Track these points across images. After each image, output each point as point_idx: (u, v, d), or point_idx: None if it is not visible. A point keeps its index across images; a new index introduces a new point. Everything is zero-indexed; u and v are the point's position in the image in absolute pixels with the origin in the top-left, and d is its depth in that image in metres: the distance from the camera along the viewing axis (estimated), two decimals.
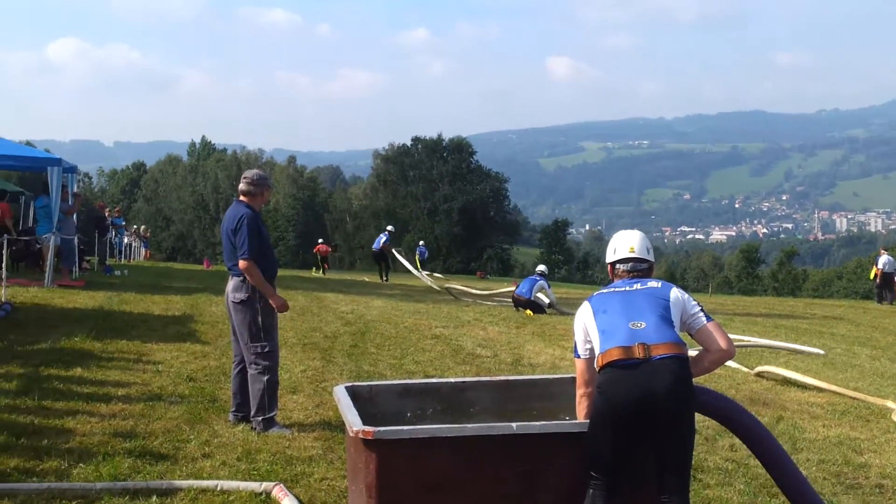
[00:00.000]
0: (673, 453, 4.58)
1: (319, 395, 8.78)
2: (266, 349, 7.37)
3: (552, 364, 11.57)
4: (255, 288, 7.34)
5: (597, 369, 4.69)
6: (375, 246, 33.20)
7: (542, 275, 20.08)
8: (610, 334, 4.67)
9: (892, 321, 22.89)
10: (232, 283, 7.46)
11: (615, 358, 4.56)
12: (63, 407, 7.61)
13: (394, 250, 33.57)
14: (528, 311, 18.48)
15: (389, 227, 35.33)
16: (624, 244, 5.14)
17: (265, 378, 7.33)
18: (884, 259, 32.21)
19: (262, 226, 7.54)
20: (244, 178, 7.61)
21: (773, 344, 14.24)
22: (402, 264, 33.09)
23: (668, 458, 4.57)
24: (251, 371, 7.39)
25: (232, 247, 7.38)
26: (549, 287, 19.84)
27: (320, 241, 46.47)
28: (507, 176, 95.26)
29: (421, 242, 54.89)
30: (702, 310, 4.90)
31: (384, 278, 32.73)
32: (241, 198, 7.54)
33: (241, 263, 7.26)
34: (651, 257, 5.15)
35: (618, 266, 5.12)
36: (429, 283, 27.94)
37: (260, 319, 7.34)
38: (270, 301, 7.35)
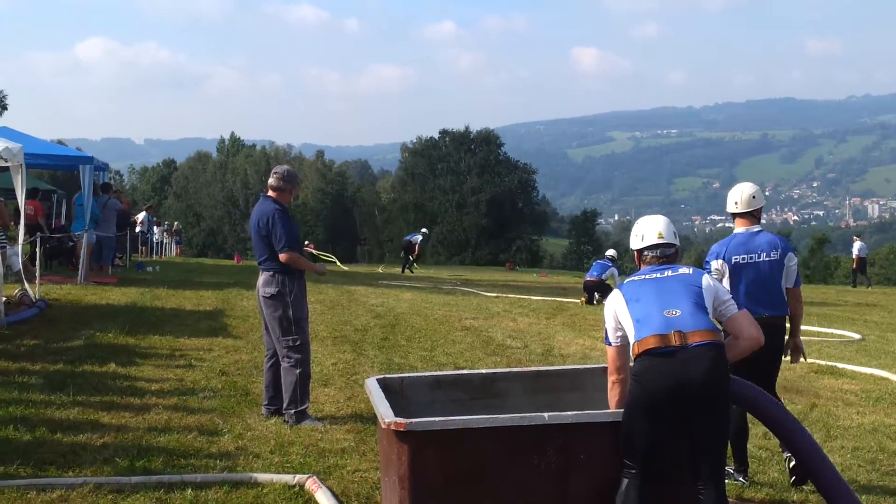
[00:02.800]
0: (709, 441, 4.56)
1: (351, 388, 8.81)
2: (297, 342, 7.41)
3: (583, 354, 11.56)
4: (286, 282, 7.39)
5: (632, 358, 4.68)
6: (407, 237, 33.45)
7: (612, 260, 19.93)
8: (645, 322, 4.65)
9: None
10: (262, 277, 7.50)
11: (651, 346, 4.54)
12: (98, 402, 7.68)
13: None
14: (597, 295, 18.25)
15: (424, 230, 35.64)
16: (651, 230, 5.09)
17: (297, 371, 7.37)
18: (857, 245, 33.47)
19: (291, 220, 7.58)
20: (275, 172, 7.64)
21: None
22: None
23: (703, 446, 4.56)
24: (284, 364, 7.43)
25: (262, 242, 7.43)
26: (619, 275, 19.61)
27: (306, 241, 50.82)
28: (536, 167, 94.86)
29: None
30: (731, 297, 4.90)
31: (405, 270, 33.40)
32: (270, 193, 7.58)
33: (283, 256, 7.32)
34: (677, 241, 5.12)
35: (646, 253, 5.08)
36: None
37: (291, 313, 7.38)
38: (316, 272, 8.08)
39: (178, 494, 5.45)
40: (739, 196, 6.42)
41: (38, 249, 14.94)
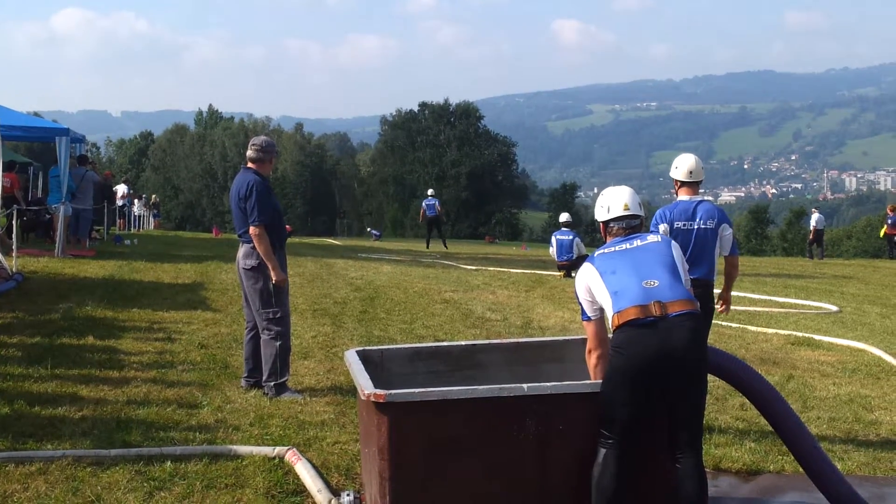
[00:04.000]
0: (688, 410, 4.61)
1: (330, 361, 8.81)
2: (277, 315, 7.40)
3: (562, 326, 11.60)
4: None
5: (611, 329, 4.70)
6: (430, 212, 30.91)
7: (568, 226, 19.33)
8: (623, 294, 4.67)
9: None
10: (242, 249, 7.48)
11: (633, 317, 4.56)
12: (76, 375, 7.66)
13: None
14: (573, 273, 17.68)
15: (431, 191, 33.41)
16: (617, 202, 5.12)
17: (277, 343, 7.36)
18: (815, 217, 34.14)
19: (271, 192, 7.55)
20: (252, 144, 7.62)
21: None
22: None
23: (682, 415, 4.61)
24: (263, 337, 7.42)
25: (242, 214, 7.39)
26: (581, 241, 19.25)
27: (287, 226, 50.51)
28: (515, 140, 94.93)
29: (368, 229, 56.33)
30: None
31: (444, 244, 31.48)
32: (250, 164, 7.55)
33: (252, 229, 7.27)
34: (642, 212, 5.16)
35: (612, 224, 5.10)
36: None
37: (271, 285, 7.36)
38: (271, 273, 7.35)
39: (158, 467, 5.45)
40: (694, 167, 7.00)
41: (14, 222, 14.82)
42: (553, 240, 19.30)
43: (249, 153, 7.56)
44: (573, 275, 17.82)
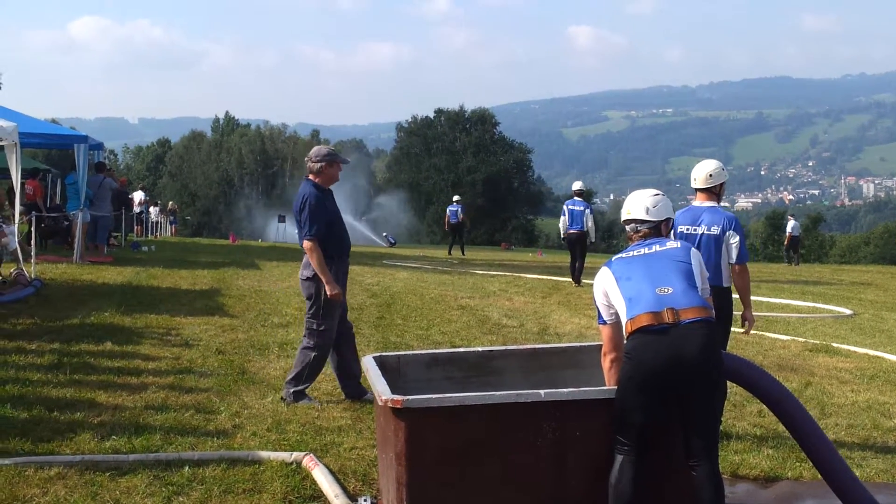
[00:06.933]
0: (702, 417, 4.58)
1: None
2: (321, 328, 7.35)
3: (578, 333, 11.58)
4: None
5: (625, 336, 4.70)
6: (453, 218, 30.31)
7: (580, 195, 18.35)
8: (637, 301, 4.67)
9: None
10: (304, 259, 7.47)
11: (645, 324, 4.56)
12: (94, 381, 7.69)
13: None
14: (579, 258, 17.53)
15: (456, 197, 32.37)
16: (637, 206, 5.12)
17: (313, 354, 7.34)
18: (791, 224, 34.67)
19: (328, 203, 7.44)
20: (307, 156, 7.58)
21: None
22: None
23: (696, 422, 4.58)
24: (303, 342, 7.44)
25: (300, 226, 7.38)
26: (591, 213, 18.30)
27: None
28: (531, 147, 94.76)
29: (384, 234, 56.25)
30: (708, 279, 4.99)
31: (462, 251, 31.22)
32: (310, 176, 7.52)
33: (305, 244, 7.25)
34: (663, 216, 5.12)
35: (629, 227, 5.13)
36: None
37: (323, 298, 7.31)
38: (326, 286, 7.27)
39: (176, 472, 5.47)
40: (698, 173, 7.00)
41: (33, 229, 14.92)
42: (565, 209, 18.33)
43: (308, 165, 7.52)
44: (581, 284, 17.71)
